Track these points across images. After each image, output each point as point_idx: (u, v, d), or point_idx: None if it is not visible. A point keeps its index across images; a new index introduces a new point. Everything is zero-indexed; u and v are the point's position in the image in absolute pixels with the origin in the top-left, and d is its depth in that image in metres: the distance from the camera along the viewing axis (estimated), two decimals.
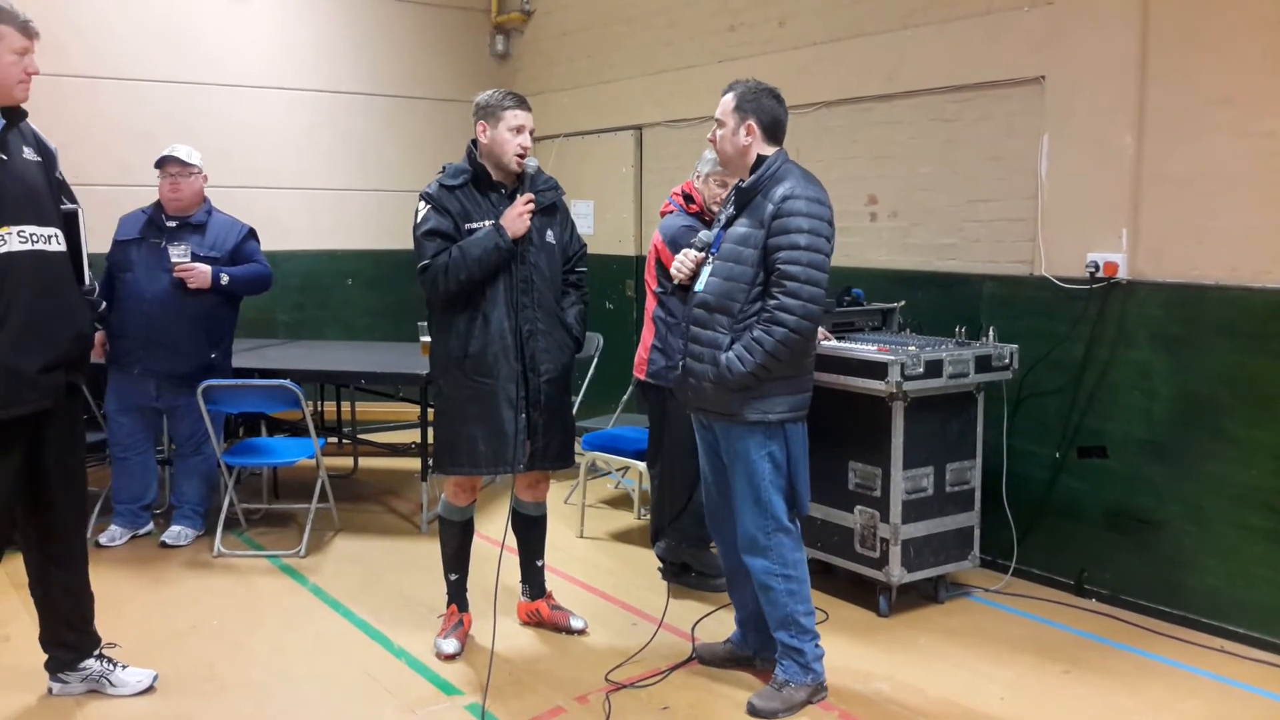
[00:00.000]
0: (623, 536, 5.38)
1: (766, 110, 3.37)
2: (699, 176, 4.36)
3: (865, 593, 4.35)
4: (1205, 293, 4.05)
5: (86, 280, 3.44)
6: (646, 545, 4.96)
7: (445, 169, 3.80)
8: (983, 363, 4.26)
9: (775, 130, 3.41)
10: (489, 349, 3.67)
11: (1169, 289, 4.17)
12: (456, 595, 3.99)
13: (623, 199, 7.18)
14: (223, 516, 5.02)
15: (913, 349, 4.15)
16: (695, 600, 4.39)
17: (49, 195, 3.31)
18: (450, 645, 3.85)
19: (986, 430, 4.42)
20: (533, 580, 4.14)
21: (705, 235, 3.55)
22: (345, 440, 6.79)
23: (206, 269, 4.92)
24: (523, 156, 3.71)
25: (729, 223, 3.43)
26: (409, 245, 3.78)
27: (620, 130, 7.15)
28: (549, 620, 4.10)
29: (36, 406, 3.16)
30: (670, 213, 4.45)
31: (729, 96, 3.41)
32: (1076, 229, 4.43)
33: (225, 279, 4.98)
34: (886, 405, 4.09)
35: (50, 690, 3.53)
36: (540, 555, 4.13)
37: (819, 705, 3.46)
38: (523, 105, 3.73)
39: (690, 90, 6.46)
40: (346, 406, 6.97)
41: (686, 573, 4.55)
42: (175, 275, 4.88)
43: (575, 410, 4.78)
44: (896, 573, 4.16)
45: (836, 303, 4.72)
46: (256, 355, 5.80)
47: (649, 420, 4.61)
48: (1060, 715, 3.48)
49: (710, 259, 3.44)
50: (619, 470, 6.13)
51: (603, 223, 7.36)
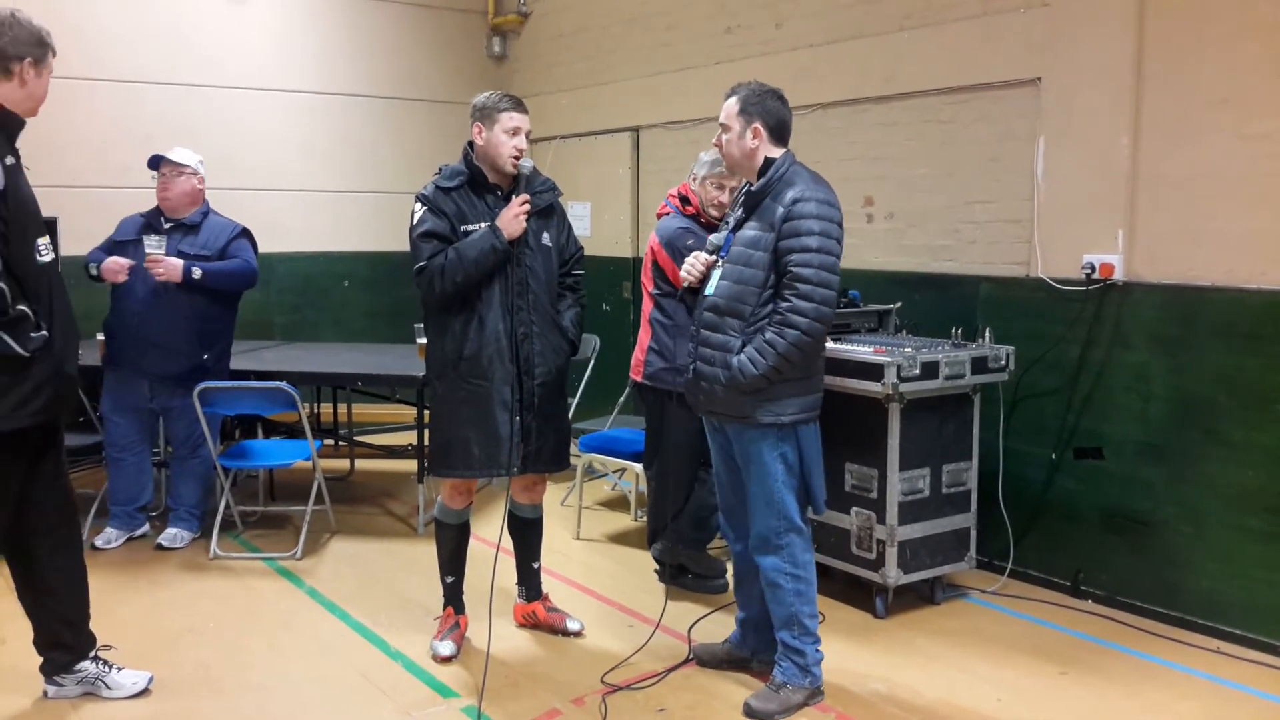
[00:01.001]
0: (619, 538, 5.37)
1: (772, 112, 3.36)
2: (695, 178, 4.36)
3: (862, 594, 4.35)
4: (1202, 294, 4.05)
5: None
6: (643, 547, 4.96)
7: (441, 171, 3.79)
8: (979, 364, 4.27)
9: (781, 132, 3.40)
10: (484, 351, 3.66)
11: (1165, 290, 4.17)
12: (453, 597, 3.99)
13: (619, 201, 7.18)
14: (219, 519, 5.01)
15: (909, 350, 4.15)
16: (692, 602, 4.39)
17: None
18: (446, 647, 3.85)
19: (983, 431, 4.42)
20: (529, 582, 4.14)
21: (715, 238, 3.52)
22: (342, 442, 6.79)
23: (177, 262, 4.80)
24: (518, 159, 3.70)
25: (738, 225, 3.42)
26: (406, 247, 3.76)
27: (617, 132, 7.16)
28: (545, 622, 4.10)
29: (70, 407, 3.37)
30: (667, 215, 4.44)
31: (732, 100, 3.39)
32: (1073, 230, 4.44)
33: (198, 273, 4.84)
34: (883, 407, 4.10)
35: (46, 694, 3.52)
36: (537, 557, 4.13)
37: (815, 707, 3.46)
38: (519, 107, 3.72)
39: (687, 92, 6.46)
40: (343, 408, 6.97)
41: (683, 574, 4.55)
42: (145, 266, 4.77)
43: (572, 412, 4.78)
44: (893, 574, 4.17)
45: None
46: (253, 357, 5.79)
47: (646, 422, 4.61)
48: (1056, 717, 3.48)
49: (720, 262, 3.43)
50: (616, 472, 6.12)
51: (599, 224, 7.36)
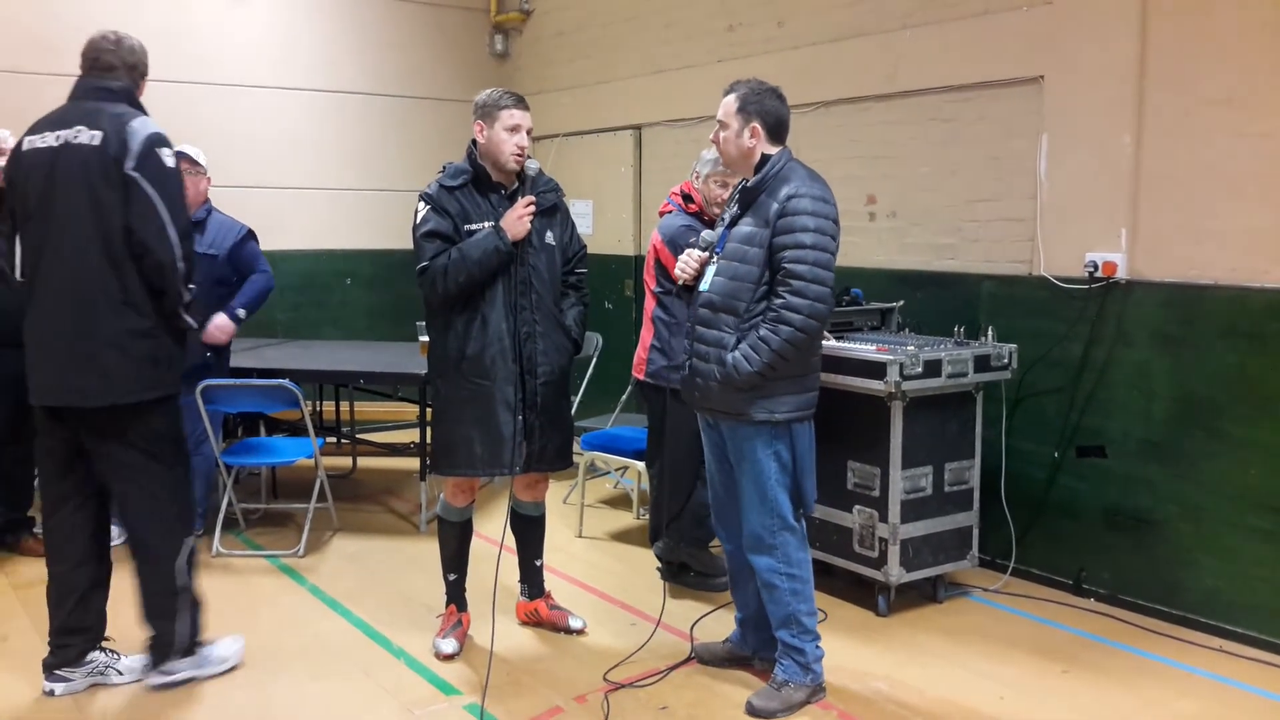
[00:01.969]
0: (621, 536, 5.38)
1: (770, 111, 3.36)
2: (697, 176, 4.35)
3: (864, 592, 4.35)
4: (1204, 293, 4.05)
5: None
6: (645, 545, 4.97)
7: (445, 169, 3.78)
8: (981, 362, 4.27)
9: (779, 130, 3.39)
10: (487, 351, 3.66)
11: (1168, 289, 4.17)
12: (455, 595, 3.99)
13: (621, 199, 7.18)
14: (221, 516, 5.01)
15: (911, 349, 4.15)
16: (694, 600, 4.39)
17: None
18: (449, 645, 3.85)
19: (985, 430, 4.42)
20: (531, 580, 4.14)
21: (709, 235, 3.51)
22: (344, 440, 6.79)
23: (228, 324, 5.00)
24: (519, 156, 3.69)
25: (733, 222, 3.42)
26: (408, 245, 3.77)
27: (619, 130, 7.15)
28: (548, 620, 4.10)
29: None
30: (669, 212, 4.44)
31: (731, 98, 3.38)
32: (1075, 229, 4.43)
33: (242, 313, 5.08)
34: (885, 405, 4.10)
35: (52, 693, 3.47)
36: (539, 555, 4.13)
37: (817, 705, 3.47)
38: (520, 105, 3.71)
39: (689, 90, 6.46)
40: (345, 406, 6.97)
41: (685, 572, 4.55)
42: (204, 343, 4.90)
43: (574, 410, 4.78)
44: (895, 572, 4.17)
45: (835, 302, 4.72)
46: (255, 355, 5.80)
47: (648, 420, 4.61)
48: (1059, 714, 3.48)
49: (715, 258, 3.42)
50: (618, 470, 6.12)
51: (601, 222, 7.36)
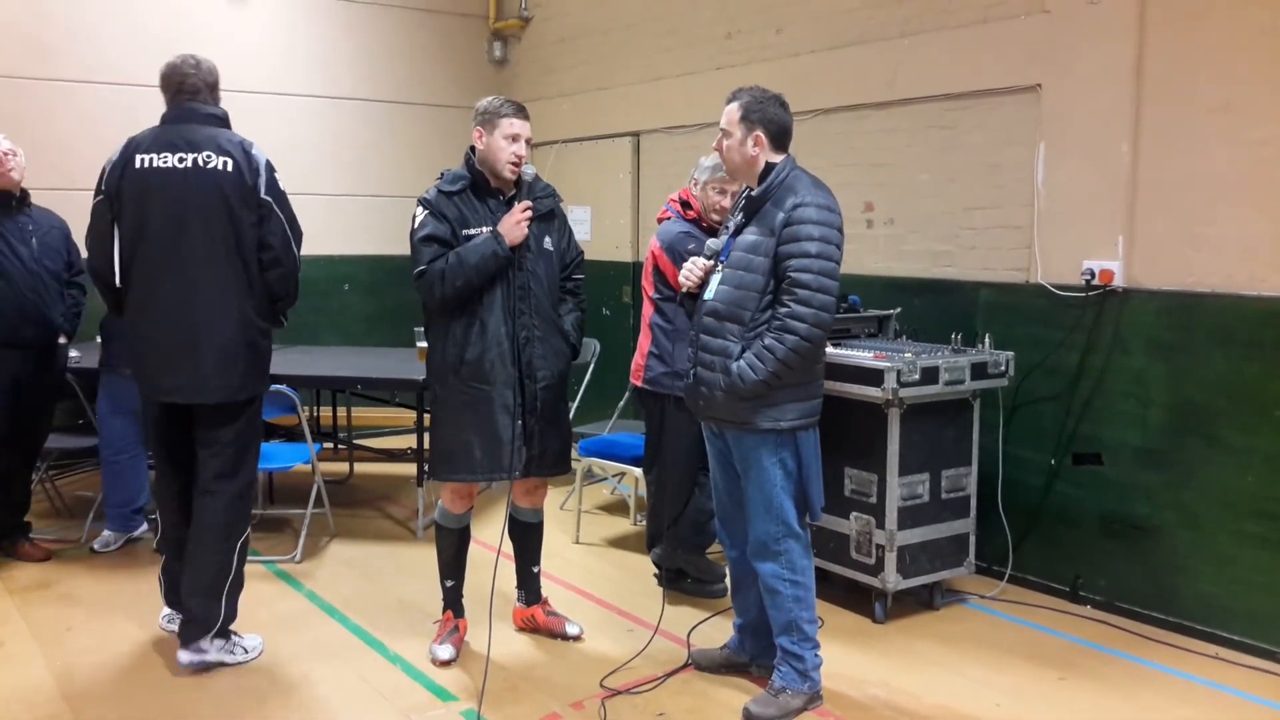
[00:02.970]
0: (619, 542, 5.37)
1: (774, 119, 3.36)
2: (696, 183, 4.36)
3: (861, 599, 4.35)
4: (1201, 300, 4.06)
5: None
6: (643, 551, 4.96)
7: (443, 175, 3.79)
8: (978, 370, 4.27)
9: (783, 138, 3.39)
10: (486, 356, 3.66)
11: (1164, 296, 4.18)
12: (452, 601, 3.99)
13: (620, 205, 7.18)
14: None
15: (909, 356, 4.16)
16: (691, 606, 4.39)
17: None
18: (446, 651, 3.85)
19: (982, 437, 4.43)
20: (529, 586, 4.14)
21: (714, 243, 3.50)
22: (341, 445, 6.79)
23: None
24: (516, 165, 3.70)
25: (738, 230, 3.41)
26: (406, 251, 3.77)
27: (618, 137, 7.16)
28: (545, 626, 4.10)
29: None
30: (667, 219, 4.45)
31: (734, 105, 3.38)
32: (1072, 236, 4.44)
33: None
34: (882, 412, 4.10)
35: (191, 663, 3.66)
36: (536, 561, 4.13)
37: (815, 712, 3.46)
38: (520, 114, 3.72)
39: (688, 97, 6.47)
40: (343, 412, 6.97)
41: (683, 579, 4.55)
42: None
43: (572, 416, 4.78)
44: (892, 579, 4.17)
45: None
46: None
47: (646, 426, 4.61)
48: None
49: (719, 267, 3.42)
50: (615, 476, 6.12)
51: (600, 229, 7.37)
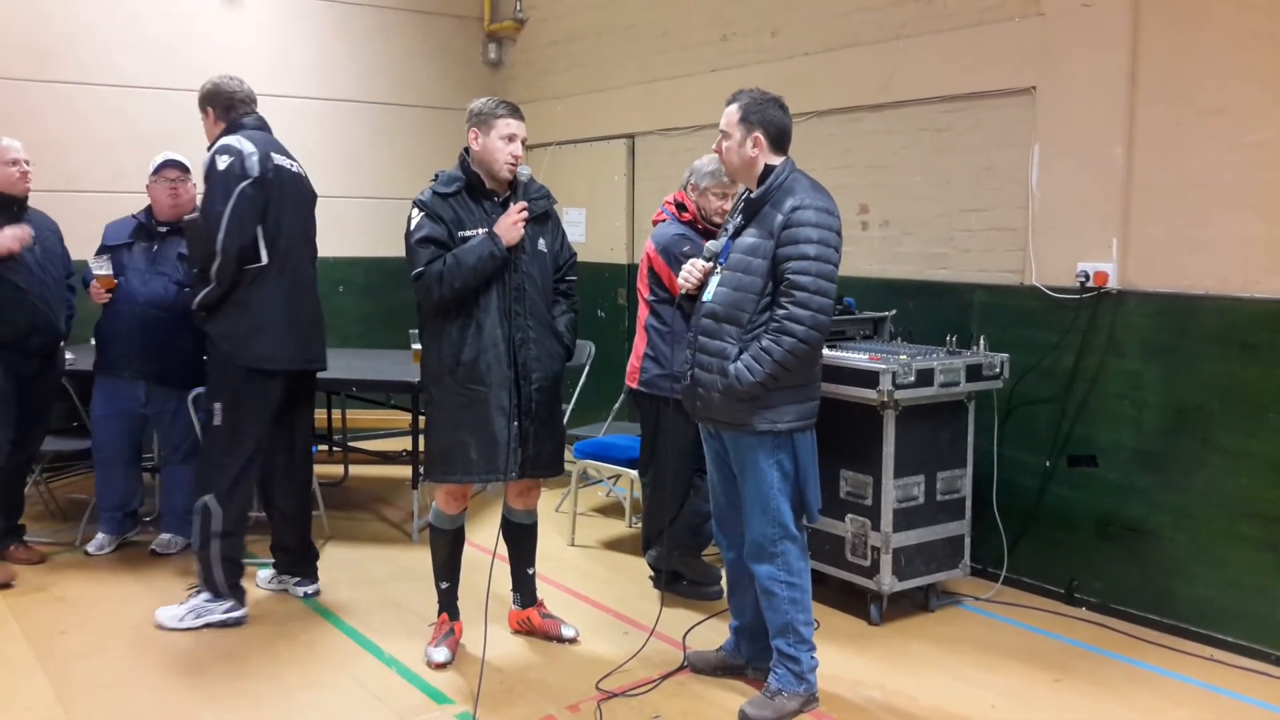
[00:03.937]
0: (614, 545, 5.37)
1: (773, 122, 3.36)
2: (693, 187, 4.35)
3: (856, 601, 4.36)
4: (1195, 303, 4.07)
5: None
6: (638, 553, 4.96)
7: (438, 176, 3.79)
8: (973, 372, 4.28)
9: (782, 140, 3.39)
10: (482, 357, 3.66)
11: (1159, 299, 4.19)
12: (447, 603, 3.98)
13: (615, 207, 7.18)
14: None
15: (904, 358, 4.16)
16: (687, 608, 4.39)
17: None
18: (441, 654, 3.84)
19: (977, 439, 4.43)
20: (524, 588, 4.14)
21: (713, 245, 3.50)
22: (336, 448, 6.77)
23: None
24: (513, 165, 3.71)
25: (737, 232, 3.41)
26: (401, 253, 3.77)
27: (613, 139, 7.17)
28: (540, 629, 4.09)
29: None
30: (663, 221, 4.45)
31: (733, 108, 3.38)
32: (1067, 239, 4.45)
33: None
34: (878, 414, 4.10)
35: (303, 593, 4.44)
36: (531, 563, 4.12)
37: (810, 714, 3.46)
38: (515, 114, 3.72)
39: (683, 99, 6.47)
40: (337, 414, 6.94)
41: (678, 581, 4.54)
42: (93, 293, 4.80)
43: (567, 418, 4.78)
44: (888, 581, 4.17)
45: None
46: None
47: (641, 428, 4.61)
48: None
49: (718, 269, 3.42)
50: (610, 478, 6.12)
51: (595, 231, 7.37)
